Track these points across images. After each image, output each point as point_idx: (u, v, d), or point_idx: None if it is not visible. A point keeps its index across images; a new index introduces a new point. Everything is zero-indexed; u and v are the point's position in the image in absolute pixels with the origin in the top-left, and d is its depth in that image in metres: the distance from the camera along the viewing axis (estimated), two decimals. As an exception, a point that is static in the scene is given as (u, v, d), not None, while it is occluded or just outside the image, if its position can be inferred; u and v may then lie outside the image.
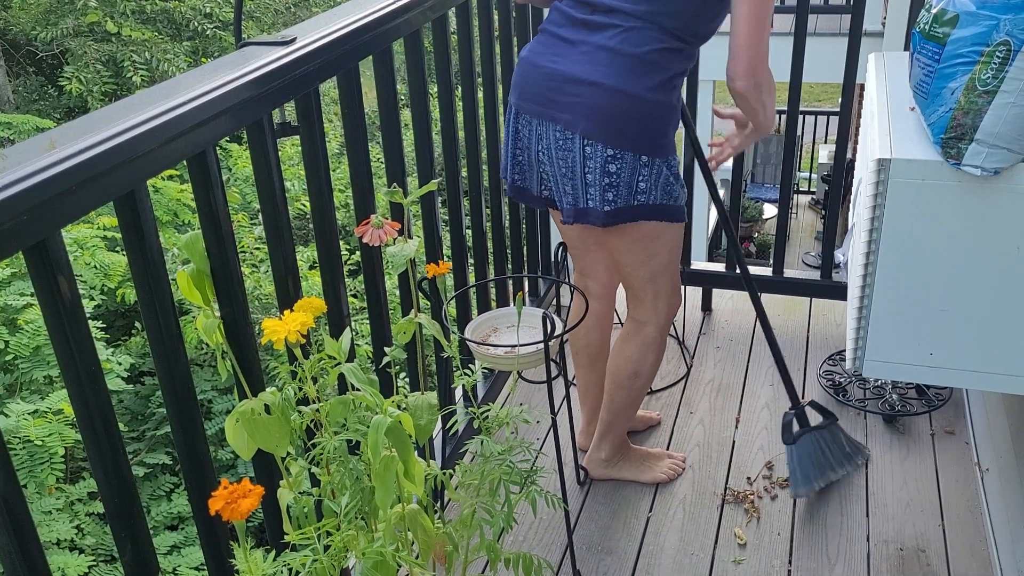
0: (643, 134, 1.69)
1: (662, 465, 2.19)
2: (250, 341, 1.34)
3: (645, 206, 1.74)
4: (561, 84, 1.70)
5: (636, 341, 1.98)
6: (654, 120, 1.69)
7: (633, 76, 1.66)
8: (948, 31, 1.35)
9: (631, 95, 1.66)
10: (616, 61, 1.66)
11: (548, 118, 1.72)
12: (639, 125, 1.68)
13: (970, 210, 1.39)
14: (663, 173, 1.73)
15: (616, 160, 1.69)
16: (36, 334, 4.11)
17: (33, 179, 0.93)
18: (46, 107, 8.54)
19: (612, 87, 1.66)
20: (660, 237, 1.83)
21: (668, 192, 1.75)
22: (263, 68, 1.27)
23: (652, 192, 1.73)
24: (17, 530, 0.98)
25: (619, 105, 1.66)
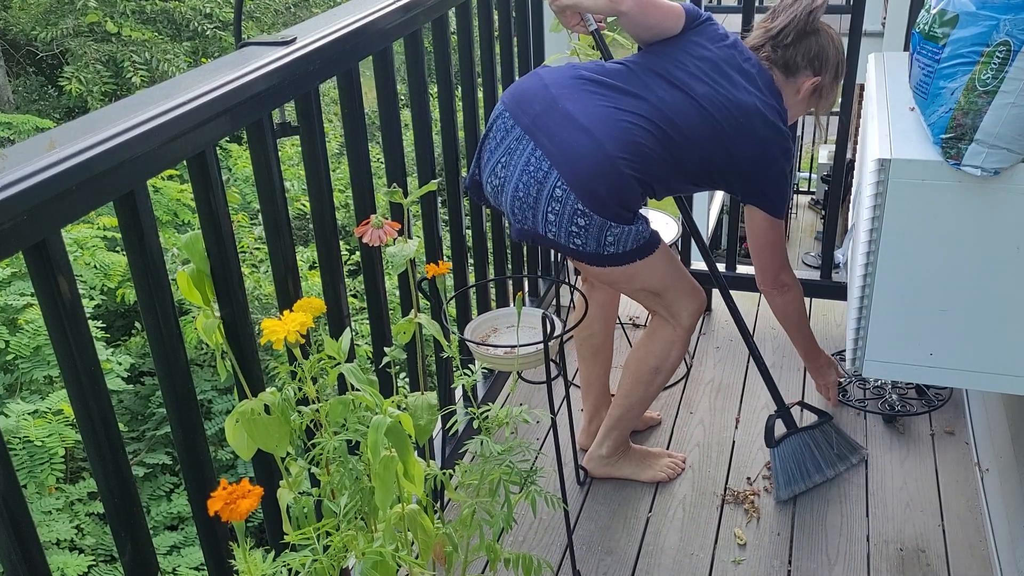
0: (610, 204, 1.69)
1: (661, 464, 2.19)
2: (250, 341, 1.34)
3: (616, 255, 1.75)
4: (561, 117, 1.70)
5: (660, 338, 1.98)
6: (622, 196, 1.70)
7: (624, 156, 1.68)
8: (948, 31, 1.35)
9: (615, 167, 1.67)
10: (622, 134, 1.69)
11: (533, 137, 1.71)
12: (610, 196, 1.68)
13: (970, 210, 1.39)
14: (632, 231, 1.74)
15: (585, 216, 1.69)
16: (36, 334, 4.10)
17: (33, 179, 0.93)
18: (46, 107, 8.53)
19: (606, 149, 1.67)
20: (639, 272, 1.82)
21: (638, 238, 1.76)
22: (263, 68, 1.27)
23: (621, 243, 1.74)
24: (17, 530, 0.98)
25: (601, 168, 1.67)
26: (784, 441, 2.09)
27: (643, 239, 1.77)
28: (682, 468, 2.21)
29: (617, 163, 1.67)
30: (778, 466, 2.09)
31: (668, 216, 2.63)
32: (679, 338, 1.97)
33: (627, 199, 1.71)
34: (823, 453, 2.13)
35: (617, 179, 1.68)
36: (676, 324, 1.95)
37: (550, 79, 1.76)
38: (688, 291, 1.93)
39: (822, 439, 2.13)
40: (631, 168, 1.69)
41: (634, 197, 1.72)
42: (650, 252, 1.79)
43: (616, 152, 1.67)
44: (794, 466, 2.09)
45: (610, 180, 1.67)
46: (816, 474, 2.12)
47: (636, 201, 1.74)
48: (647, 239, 1.78)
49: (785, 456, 2.09)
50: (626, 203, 1.71)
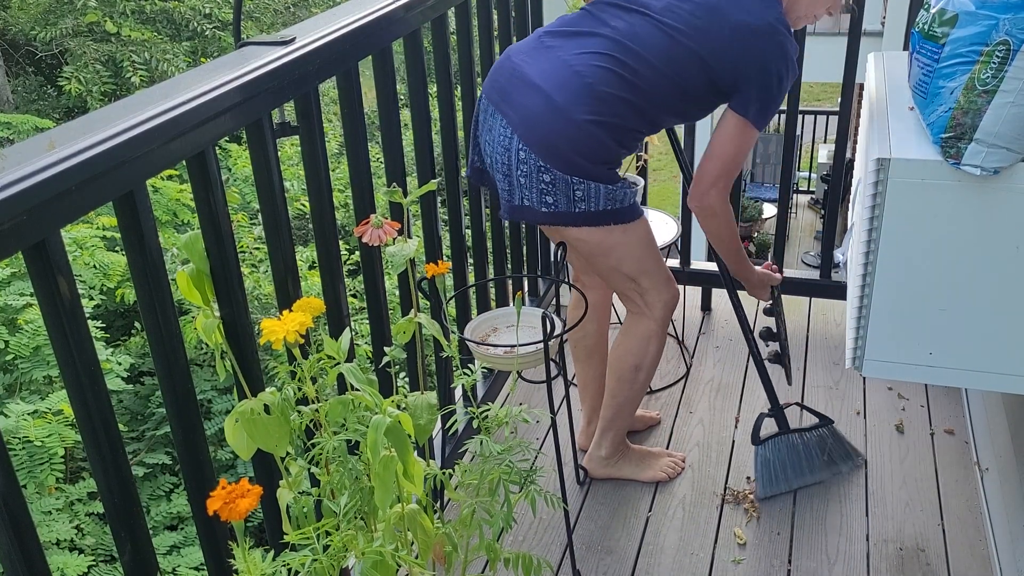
0: (571, 159, 1.66)
1: (661, 463, 2.19)
2: (249, 341, 1.34)
3: (588, 213, 1.72)
4: (519, 82, 1.71)
5: (635, 334, 1.97)
6: (585, 149, 1.67)
7: (581, 103, 1.65)
8: (947, 31, 1.35)
9: (568, 118, 1.65)
10: (571, 81, 1.65)
11: (499, 110, 1.73)
12: (568, 148, 1.66)
13: (969, 209, 1.39)
14: (601, 189, 1.70)
15: (548, 172, 1.68)
16: (36, 334, 4.10)
17: (32, 179, 0.93)
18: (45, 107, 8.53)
19: (558, 104, 1.65)
20: (617, 246, 1.80)
21: (611, 198, 1.72)
22: (262, 68, 1.27)
23: (591, 200, 1.71)
24: (17, 530, 0.98)
25: (554, 122, 1.65)
26: (770, 441, 2.09)
27: (618, 202, 1.73)
28: (682, 467, 2.21)
29: (570, 113, 1.64)
30: (759, 465, 2.09)
31: (667, 215, 2.63)
32: (654, 332, 1.95)
33: (590, 148, 1.66)
34: (811, 457, 2.12)
35: (574, 130, 1.65)
36: (650, 317, 1.93)
37: (515, 50, 1.78)
38: (663, 281, 1.91)
39: (814, 443, 2.13)
40: (588, 114, 1.64)
41: (599, 145, 1.67)
42: (626, 219, 1.76)
43: (566, 102, 1.65)
44: (777, 467, 2.09)
45: (566, 132, 1.65)
46: (798, 478, 2.11)
47: (603, 149, 1.68)
48: (623, 203, 1.74)
49: (768, 456, 2.09)
50: (590, 153, 1.67)
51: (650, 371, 2.03)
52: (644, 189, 2.64)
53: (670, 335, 2.74)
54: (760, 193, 9.91)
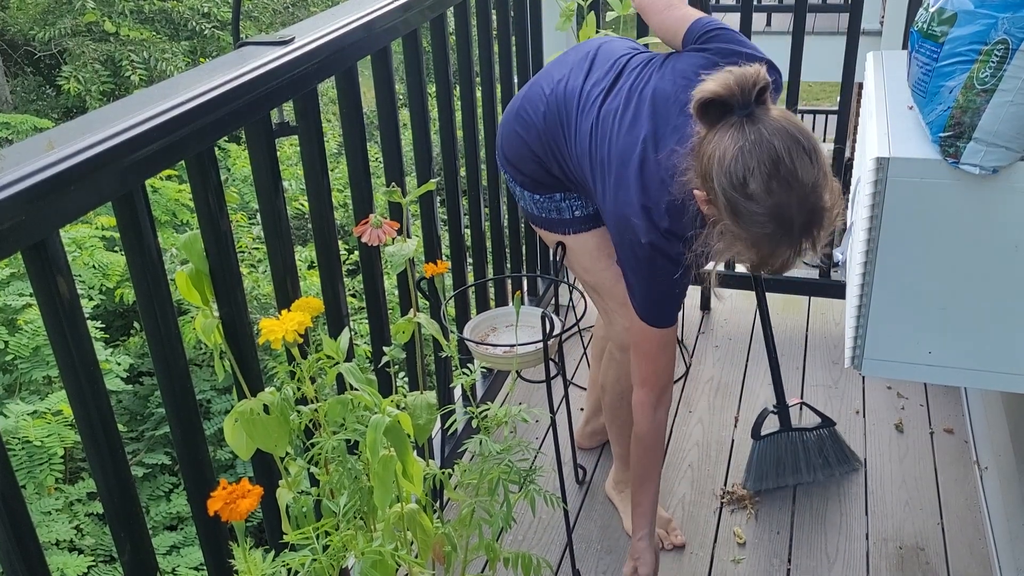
0: (506, 161, 1.78)
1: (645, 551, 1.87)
2: (249, 341, 1.34)
3: (528, 211, 1.82)
4: None
5: (604, 356, 1.95)
6: (513, 152, 1.75)
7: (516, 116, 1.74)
8: (946, 30, 1.35)
9: (508, 123, 1.76)
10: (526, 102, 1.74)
11: None
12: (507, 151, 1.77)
13: (969, 208, 1.39)
14: (527, 196, 1.77)
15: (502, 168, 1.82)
16: (35, 334, 4.10)
17: (31, 179, 0.92)
18: (44, 107, 8.52)
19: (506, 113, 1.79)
20: (571, 252, 1.80)
21: (541, 207, 1.77)
22: (261, 68, 1.26)
23: (525, 201, 1.80)
24: (16, 530, 0.98)
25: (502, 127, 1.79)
26: (769, 436, 2.09)
27: (551, 212, 1.75)
28: (665, 548, 1.97)
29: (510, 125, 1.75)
30: (754, 459, 2.10)
31: None
32: (613, 358, 1.86)
33: (513, 152, 1.74)
34: (807, 457, 2.12)
35: (507, 134, 1.76)
36: (612, 338, 1.84)
37: None
38: (620, 311, 1.73)
39: (813, 443, 2.12)
40: (517, 127, 1.73)
41: (519, 153, 1.73)
42: (564, 231, 1.77)
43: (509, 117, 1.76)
44: (772, 462, 2.10)
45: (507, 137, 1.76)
46: (791, 475, 2.11)
47: (522, 159, 1.72)
48: (559, 214, 1.75)
49: (764, 451, 2.09)
50: (513, 158, 1.75)
51: (614, 399, 1.90)
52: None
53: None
54: (759, 192, 9.89)
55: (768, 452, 2.10)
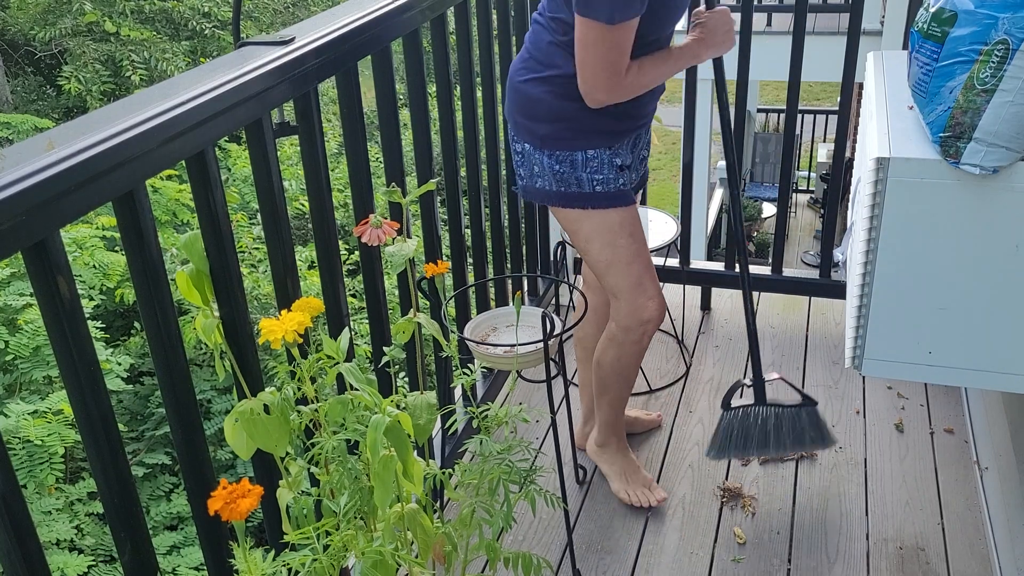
0: (522, 124, 1.78)
1: (635, 488, 2.10)
2: (249, 341, 1.34)
3: (543, 191, 1.81)
4: None
5: (605, 331, 1.99)
6: (526, 110, 1.76)
7: (518, 65, 1.79)
8: (946, 30, 1.35)
9: (511, 82, 1.79)
10: (522, 55, 1.80)
11: None
12: (519, 114, 1.78)
13: (969, 209, 1.39)
14: (546, 164, 1.76)
15: (516, 142, 1.82)
16: (36, 334, 4.11)
17: (32, 179, 0.93)
18: (44, 107, 8.53)
19: (510, 76, 1.81)
20: (580, 228, 1.81)
21: (561, 181, 1.77)
22: (262, 68, 1.27)
23: (545, 178, 1.79)
24: (17, 530, 0.98)
25: (507, 90, 1.82)
26: (740, 409, 2.02)
27: (566, 182, 1.76)
28: (648, 505, 2.08)
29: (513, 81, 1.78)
30: (721, 429, 2.03)
31: (667, 215, 2.63)
32: (614, 338, 1.92)
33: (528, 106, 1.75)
34: (777, 433, 2.03)
35: (516, 95, 1.78)
36: (614, 319, 1.91)
37: None
38: (635, 290, 1.83)
39: (787, 420, 2.03)
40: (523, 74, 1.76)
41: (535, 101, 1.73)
42: (582, 205, 1.78)
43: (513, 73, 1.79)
44: (739, 434, 2.03)
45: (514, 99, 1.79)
46: (756, 448, 2.05)
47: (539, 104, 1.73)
48: (579, 187, 1.76)
49: (733, 422, 2.02)
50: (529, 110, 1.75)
51: (610, 376, 1.98)
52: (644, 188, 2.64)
53: (669, 334, 2.74)
54: (760, 192, 9.92)
55: (736, 423, 2.02)
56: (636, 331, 1.88)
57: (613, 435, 2.13)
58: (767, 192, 9.89)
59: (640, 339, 1.90)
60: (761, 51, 2.81)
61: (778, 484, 2.15)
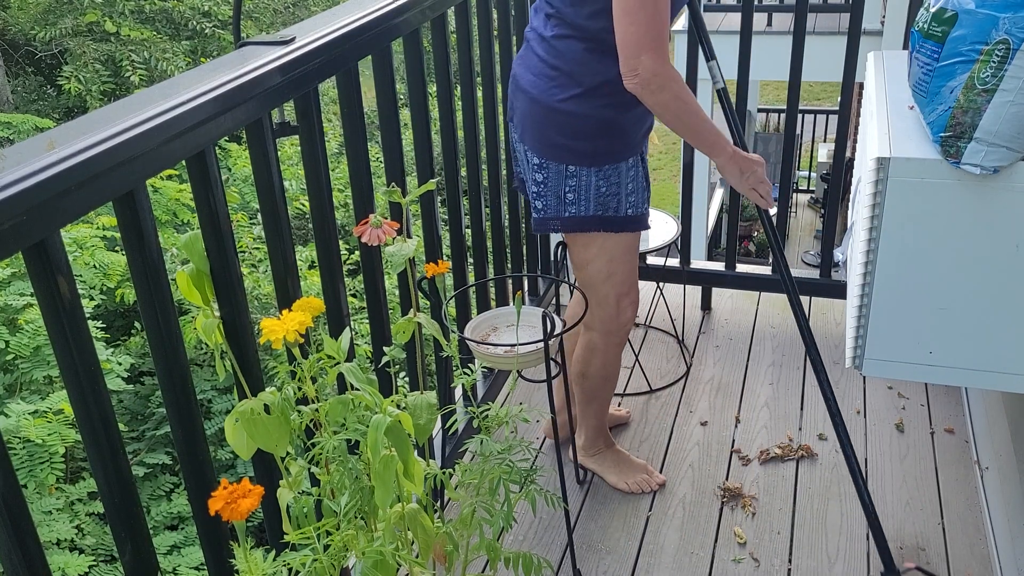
0: (564, 145, 1.69)
1: (635, 477, 2.15)
2: (249, 341, 1.34)
3: (576, 218, 1.75)
4: (515, 89, 1.78)
5: (582, 343, 1.99)
6: (575, 130, 1.68)
7: (548, 85, 1.68)
8: (947, 30, 1.35)
9: (545, 105, 1.69)
10: (539, 68, 1.70)
11: (512, 124, 1.82)
12: (558, 135, 1.69)
13: (969, 208, 1.39)
14: (592, 183, 1.72)
15: (542, 169, 1.73)
16: (36, 334, 4.10)
17: (32, 179, 0.92)
18: (45, 107, 8.53)
19: (533, 96, 1.70)
20: (591, 246, 1.81)
21: (603, 204, 1.74)
22: (262, 68, 1.27)
23: (582, 203, 1.74)
24: (17, 530, 0.98)
25: (537, 114, 1.70)
26: None
27: (610, 207, 1.74)
28: (652, 489, 2.14)
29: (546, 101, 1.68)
30: None
31: (667, 215, 2.63)
32: (595, 346, 1.95)
33: (568, 124, 1.68)
34: None
35: (553, 115, 1.68)
36: (595, 328, 1.93)
37: (516, 58, 1.83)
38: (621, 298, 1.88)
39: None
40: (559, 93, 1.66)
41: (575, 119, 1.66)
42: (618, 229, 1.77)
43: (541, 92, 1.69)
44: None
45: (548, 119, 1.69)
46: None
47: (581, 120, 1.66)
48: (616, 212, 1.74)
49: None
50: (575, 132, 1.67)
51: (597, 380, 2.01)
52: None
53: (669, 334, 2.74)
54: (760, 192, 9.90)
55: None
56: (617, 333, 1.94)
57: (601, 437, 2.16)
58: (767, 192, 9.87)
59: (621, 340, 1.96)
60: (761, 51, 2.81)
61: (778, 484, 2.15)
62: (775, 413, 2.39)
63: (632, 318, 1.94)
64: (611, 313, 1.90)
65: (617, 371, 2.05)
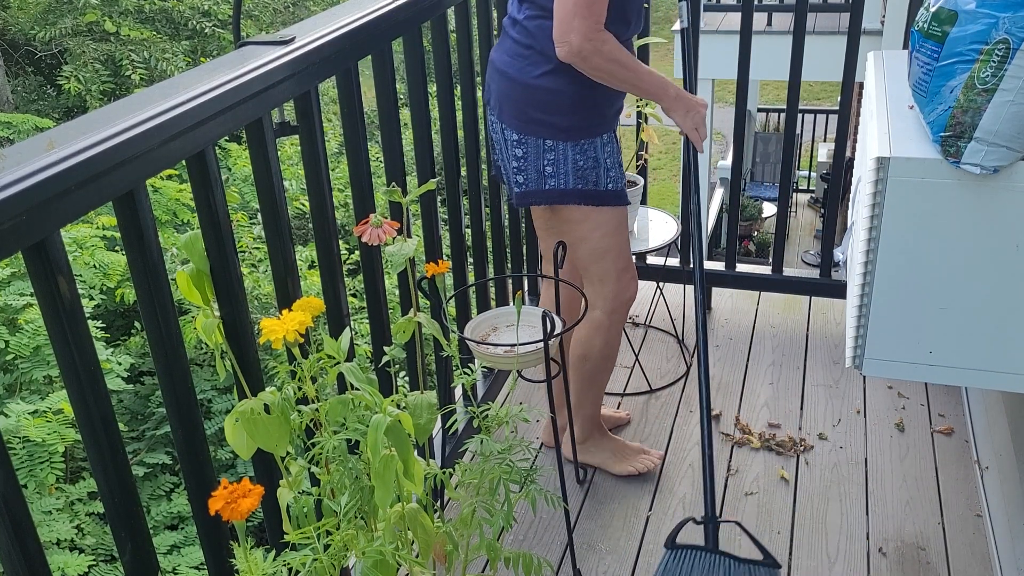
0: (540, 119, 1.77)
1: (636, 459, 2.20)
2: (250, 341, 1.34)
3: (557, 190, 1.81)
4: (491, 72, 1.86)
5: (585, 324, 2.01)
6: (549, 105, 1.76)
7: (523, 64, 1.76)
8: (947, 29, 1.35)
9: (520, 83, 1.77)
10: (514, 49, 1.78)
11: (486, 103, 1.89)
12: (534, 111, 1.77)
13: (969, 208, 1.39)
14: (570, 157, 1.78)
15: (521, 145, 1.80)
16: (36, 334, 4.10)
17: (32, 179, 0.92)
18: (45, 107, 8.53)
19: (510, 76, 1.79)
20: (585, 221, 1.86)
21: (582, 176, 1.80)
22: (262, 68, 1.27)
23: (561, 176, 1.80)
24: (17, 530, 0.98)
25: (514, 92, 1.79)
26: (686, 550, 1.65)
27: (590, 180, 1.80)
28: (655, 464, 2.20)
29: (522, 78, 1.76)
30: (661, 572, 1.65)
31: (667, 215, 2.63)
32: (600, 324, 1.99)
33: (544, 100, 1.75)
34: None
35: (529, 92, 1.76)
36: (598, 307, 1.97)
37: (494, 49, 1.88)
38: (622, 272, 1.94)
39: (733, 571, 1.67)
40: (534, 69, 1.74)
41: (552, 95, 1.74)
42: (602, 202, 1.83)
43: (516, 71, 1.77)
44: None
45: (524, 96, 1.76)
46: None
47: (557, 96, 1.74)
48: (596, 185, 1.81)
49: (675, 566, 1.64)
50: (545, 105, 1.75)
51: (598, 362, 2.04)
52: (644, 188, 2.64)
53: (669, 334, 2.74)
54: (760, 192, 9.92)
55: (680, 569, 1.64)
56: (621, 311, 1.99)
57: (595, 427, 2.19)
58: (767, 192, 9.89)
59: (623, 318, 2.01)
60: (761, 51, 2.81)
61: (778, 484, 2.15)
62: (775, 412, 2.39)
63: (635, 293, 1.99)
64: (615, 288, 1.94)
65: (617, 351, 2.08)
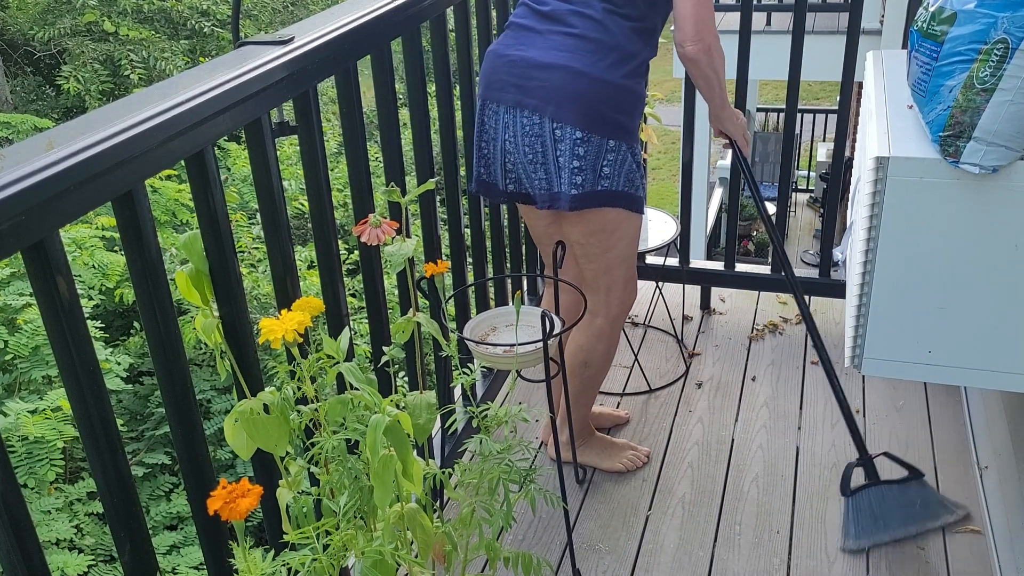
0: (611, 118, 1.75)
1: (623, 455, 2.22)
2: (249, 341, 1.34)
3: (608, 192, 1.79)
4: (528, 70, 1.75)
5: (587, 331, 2.02)
6: (622, 105, 1.76)
7: (601, 61, 1.73)
8: (946, 29, 1.35)
9: (599, 79, 1.72)
10: (585, 47, 1.73)
11: (514, 104, 1.76)
12: (608, 109, 1.74)
13: (968, 208, 1.39)
14: (627, 160, 1.78)
15: (584, 143, 1.74)
16: (35, 334, 4.10)
17: (31, 179, 0.92)
18: (44, 107, 8.53)
19: (580, 71, 1.72)
20: (619, 229, 1.86)
21: (630, 180, 1.81)
22: (261, 67, 1.26)
23: (615, 178, 1.78)
24: (16, 530, 0.98)
25: (587, 89, 1.72)
26: (862, 491, 1.94)
27: (635, 184, 1.82)
28: (643, 462, 2.23)
29: (601, 77, 1.72)
30: (851, 516, 1.94)
31: (667, 215, 2.63)
32: (602, 332, 2.01)
33: (621, 101, 1.76)
34: (904, 511, 1.95)
35: (612, 91, 1.74)
36: (601, 314, 1.99)
37: (500, 47, 1.82)
38: (629, 281, 1.98)
39: (913, 495, 1.96)
40: (617, 68, 1.74)
41: (630, 94, 1.77)
42: (638, 208, 1.86)
43: (589, 69, 1.72)
44: (869, 519, 1.94)
45: (604, 94, 1.73)
46: (892, 531, 1.95)
47: (634, 96, 1.77)
48: (636, 191, 1.83)
49: (861, 507, 1.94)
50: (622, 106, 1.76)
51: (599, 368, 2.06)
52: (643, 188, 2.64)
53: (669, 334, 2.74)
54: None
55: (864, 507, 1.94)
56: (622, 317, 2.03)
57: (587, 426, 2.21)
58: (767, 191, 9.89)
59: (623, 322, 2.04)
60: (761, 50, 2.81)
61: (778, 484, 2.15)
62: (774, 412, 2.39)
63: (635, 298, 2.03)
64: (620, 297, 1.97)
65: (615, 353, 2.11)
